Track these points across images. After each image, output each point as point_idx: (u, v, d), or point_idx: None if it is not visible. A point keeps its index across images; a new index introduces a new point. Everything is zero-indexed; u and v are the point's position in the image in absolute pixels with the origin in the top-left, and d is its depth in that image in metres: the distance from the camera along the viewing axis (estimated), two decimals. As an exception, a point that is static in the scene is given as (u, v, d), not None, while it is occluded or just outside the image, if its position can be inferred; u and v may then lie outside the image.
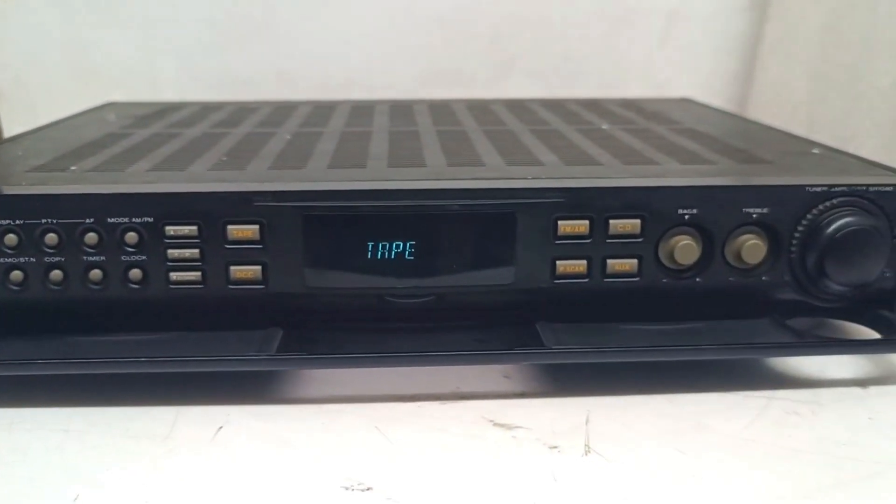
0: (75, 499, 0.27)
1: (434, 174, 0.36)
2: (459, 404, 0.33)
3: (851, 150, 0.55)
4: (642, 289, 0.34)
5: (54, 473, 0.28)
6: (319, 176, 0.36)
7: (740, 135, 0.46)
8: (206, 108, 0.57)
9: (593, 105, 0.58)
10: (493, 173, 0.36)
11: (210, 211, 0.33)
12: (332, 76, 0.71)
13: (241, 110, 0.56)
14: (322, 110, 0.56)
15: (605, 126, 0.48)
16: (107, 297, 0.33)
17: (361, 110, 0.56)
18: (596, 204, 0.33)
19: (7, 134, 0.73)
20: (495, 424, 0.31)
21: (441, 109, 0.56)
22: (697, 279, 0.34)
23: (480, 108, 0.56)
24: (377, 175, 0.36)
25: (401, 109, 0.56)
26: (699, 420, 0.32)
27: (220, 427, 0.31)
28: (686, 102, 0.61)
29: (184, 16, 0.70)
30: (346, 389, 0.34)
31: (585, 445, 0.30)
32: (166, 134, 0.46)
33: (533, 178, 0.34)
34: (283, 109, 0.56)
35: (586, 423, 0.31)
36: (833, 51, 0.59)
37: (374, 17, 0.70)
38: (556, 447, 0.30)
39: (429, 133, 0.46)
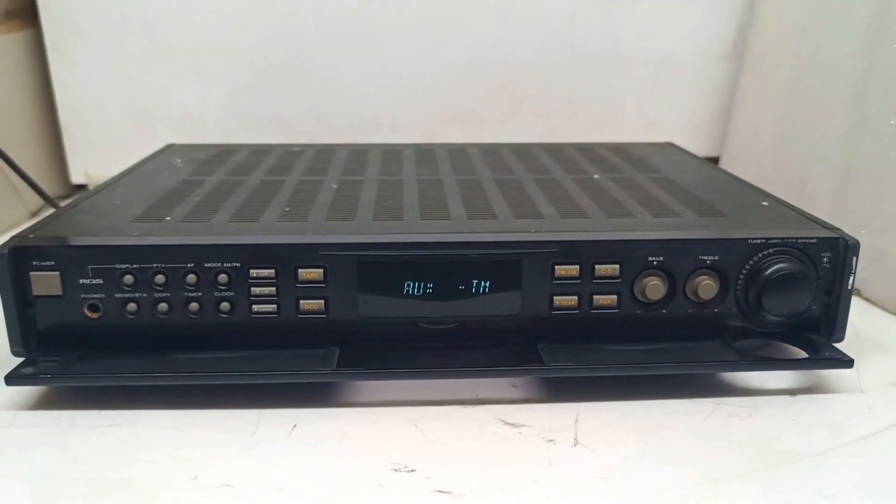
0: (195, 477, 0.36)
1: (457, 227, 0.45)
2: (478, 408, 0.42)
3: (809, 190, 0.65)
4: (620, 318, 0.43)
5: (173, 458, 0.38)
6: (367, 228, 0.45)
7: (706, 185, 0.55)
8: (256, 152, 0.66)
9: (588, 150, 0.67)
10: (503, 226, 0.45)
11: (285, 258, 0.42)
12: (360, 115, 0.80)
13: (287, 154, 0.65)
14: (357, 155, 0.65)
15: (596, 175, 0.58)
16: (202, 324, 0.43)
17: (391, 155, 0.65)
18: (585, 252, 0.42)
19: (70, 164, 0.83)
20: (505, 423, 0.41)
21: (458, 155, 0.65)
22: (664, 311, 0.44)
23: (492, 153, 0.66)
24: (412, 227, 0.45)
25: (424, 154, 0.65)
26: (661, 420, 0.41)
27: (295, 425, 0.40)
28: (668, 147, 0.70)
29: (229, 62, 0.79)
30: (389, 396, 0.43)
31: (574, 439, 0.39)
32: (231, 182, 0.56)
33: (535, 232, 0.43)
34: (323, 154, 0.65)
35: (576, 423, 0.41)
36: (797, 102, 0.68)
37: (398, 63, 0.79)
38: (552, 440, 0.39)
39: (450, 182, 0.55)
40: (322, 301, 0.43)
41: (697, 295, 0.43)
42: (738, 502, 0.34)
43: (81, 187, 0.84)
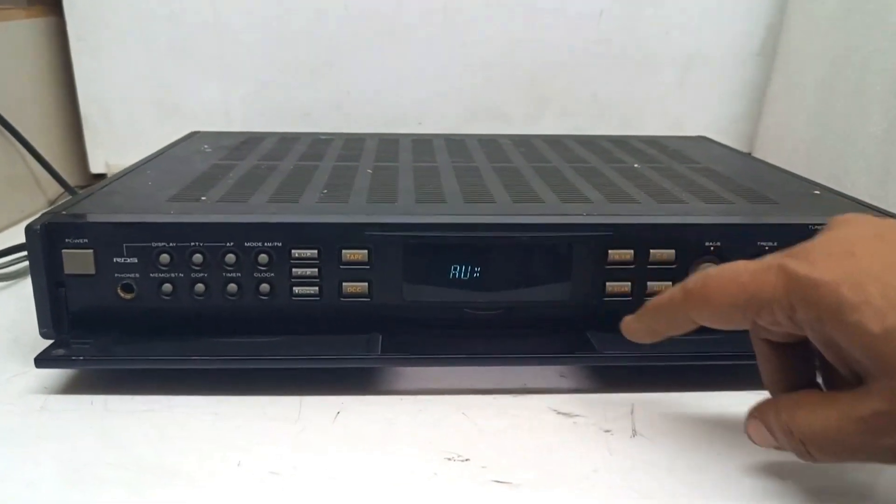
0: (238, 464, 0.34)
1: (504, 210, 0.44)
2: (527, 397, 0.40)
3: (847, 186, 0.64)
4: (674, 306, 0.42)
5: (215, 445, 0.36)
6: (412, 210, 0.43)
7: (749, 175, 0.54)
8: (285, 139, 0.65)
9: (621, 143, 0.66)
10: (552, 209, 0.44)
11: (328, 238, 0.40)
12: (386, 111, 0.79)
13: (316, 142, 0.64)
14: (388, 144, 0.64)
15: (636, 165, 0.56)
16: (241, 306, 0.41)
17: (421, 144, 0.64)
18: (640, 237, 0.41)
19: (90, 155, 0.81)
20: (558, 413, 0.39)
21: (490, 145, 0.64)
22: (719, 298, 0.42)
23: (524, 144, 0.64)
24: (458, 209, 0.44)
25: (455, 144, 0.64)
26: (720, 412, 0.39)
27: (338, 412, 0.39)
28: (703, 140, 0.69)
29: (254, 57, 0.78)
30: (433, 383, 0.41)
31: (633, 429, 0.37)
32: (264, 166, 0.54)
33: (587, 215, 0.42)
34: (352, 142, 0.64)
35: (631, 413, 0.39)
36: (831, 99, 0.67)
37: (425, 60, 0.78)
38: (609, 430, 0.37)
39: (487, 170, 0.54)
40: (366, 284, 0.41)
41: (754, 283, 0.42)
42: (807, 486, 0.33)
43: (101, 177, 0.83)
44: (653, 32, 0.78)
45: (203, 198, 0.45)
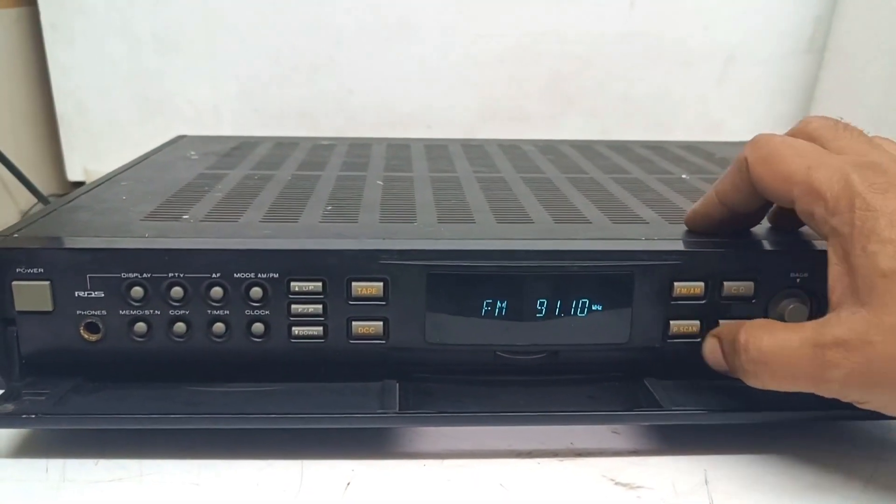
0: (224, 557, 0.27)
1: (545, 232, 0.37)
2: (576, 461, 0.33)
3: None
4: (750, 348, 0.35)
5: (195, 529, 0.29)
6: (435, 232, 0.36)
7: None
8: (281, 145, 0.58)
9: (659, 149, 0.59)
10: (602, 232, 0.37)
11: (336, 267, 0.33)
12: (393, 111, 0.72)
13: (317, 148, 0.57)
14: (398, 150, 0.57)
15: (684, 176, 0.49)
16: (228, 349, 0.34)
17: (436, 150, 0.57)
18: (712, 266, 0.34)
19: (67, 159, 0.74)
20: (616, 483, 0.32)
21: (513, 151, 0.57)
22: (803, 340, 0.35)
23: (551, 151, 0.57)
24: (490, 232, 0.37)
25: (474, 150, 0.57)
26: (814, 480, 0.32)
27: (349, 482, 0.32)
28: (748, 146, 0.62)
29: (248, 49, 0.71)
30: (462, 444, 0.34)
31: (711, 507, 0.31)
32: (258, 176, 0.47)
33: (647, 240, 0.35)
34: (357, 148, 0.57)
35: (706, 483, 0.32)
36: None
37: (436, 54, 0.71)
38: (682, 509, 0.31)
39: (515, 181, 0.47)
40: (380, 323, 0.34)
41: (847, 321, 0.35)
42: None
43: (79, 185, 0.75)
44: (690, 25, 0.71)
45: (185, 216, 0.38)
